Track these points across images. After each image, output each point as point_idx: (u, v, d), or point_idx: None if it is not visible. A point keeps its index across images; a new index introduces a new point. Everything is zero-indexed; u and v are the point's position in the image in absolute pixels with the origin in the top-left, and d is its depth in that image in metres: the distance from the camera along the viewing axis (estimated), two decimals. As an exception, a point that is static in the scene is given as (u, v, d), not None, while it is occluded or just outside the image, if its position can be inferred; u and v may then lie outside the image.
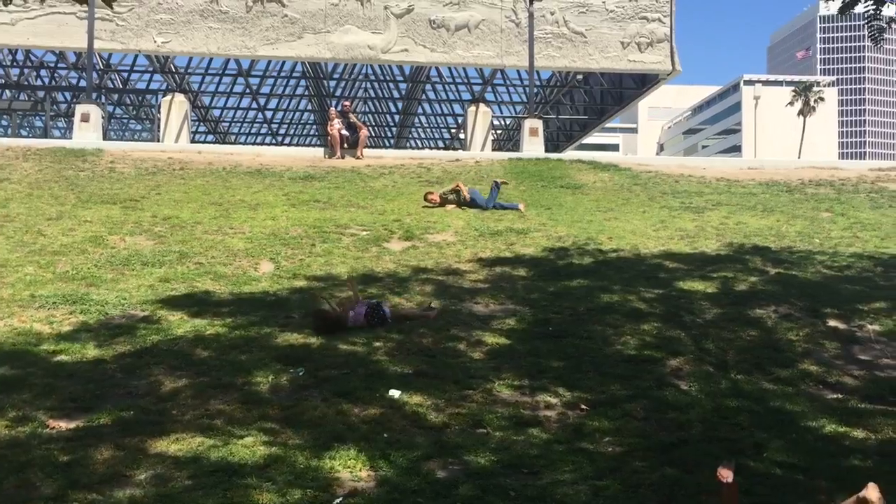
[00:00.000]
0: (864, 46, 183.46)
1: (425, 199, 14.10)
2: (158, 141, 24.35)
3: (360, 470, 5.46)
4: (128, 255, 10.69)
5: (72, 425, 6.07)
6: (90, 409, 6.39)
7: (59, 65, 30.94)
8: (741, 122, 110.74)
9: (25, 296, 9.07)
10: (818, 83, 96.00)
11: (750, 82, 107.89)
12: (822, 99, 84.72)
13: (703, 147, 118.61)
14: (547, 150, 22.11)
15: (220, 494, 4.95)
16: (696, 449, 5.74)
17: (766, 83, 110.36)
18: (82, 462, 5.44)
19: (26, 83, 31.66)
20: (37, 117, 34.25)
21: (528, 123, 21.61)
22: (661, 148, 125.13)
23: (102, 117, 21.56)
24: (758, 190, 16.24)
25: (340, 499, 4.99)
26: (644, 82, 26.19)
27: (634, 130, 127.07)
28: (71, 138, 20.61)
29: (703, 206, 14.70)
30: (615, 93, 28.99)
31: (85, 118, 19.71)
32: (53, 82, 32.64)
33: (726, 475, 4.33)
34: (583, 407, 6.66)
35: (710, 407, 6.60)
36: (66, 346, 7.74)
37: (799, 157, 49.78)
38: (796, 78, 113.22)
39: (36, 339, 7.87)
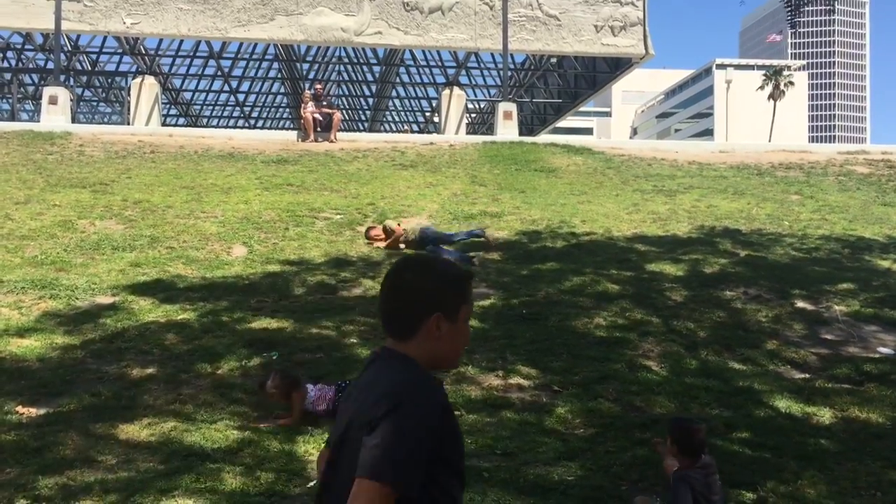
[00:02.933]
0: (834, 31, 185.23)
1: (367, 237, 11.13)
2: (129, 124, 24.01)
3: (334, 453, 5.47)
4: (98, 239, 10.57)
5: (42, 411, 6.03)
6: (60, 395, 6.35)
7: (27, 46, 30.35)
8: (713, 106, 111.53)
9: (-7, 281, 8.95)
10: (789, 67, 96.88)
11: (722, 66, 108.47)
12: (792, 83, 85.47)
13: (676, 131, 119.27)
14: (521, 134, 22.10)
15: (191, 478, 4.95)
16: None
17: (738, 67, 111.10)
18: (52, 447, 5.41)
19: (-8, 65, 31.06)
20: (3, 100, 33.62)
21: (503, 107, 21.59)
22: (634, 132, 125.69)
23: (71, 100, 21.20)
24: (729, 173, 16.38)
25: (315, 482, 5.00)
26: (617, 66, 26.24)
27: (608, 114, 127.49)
28: (39, 121, 20.25)
29: (676, 189, 14.80)
30: (589, 76, 29.03)
31: (53, 101, 19.37)
32: (20, 64, 32.01)
33: None
34: (555, 388, 6.73)
35: (680, 387, 6.69)
36: (35, 332, 7.66)
37: (769, 141, 50.26)
38: (767, 62, 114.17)
39: (4, 325, 7.77)
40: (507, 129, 20.89)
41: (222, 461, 5.22)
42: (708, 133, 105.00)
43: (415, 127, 41.82)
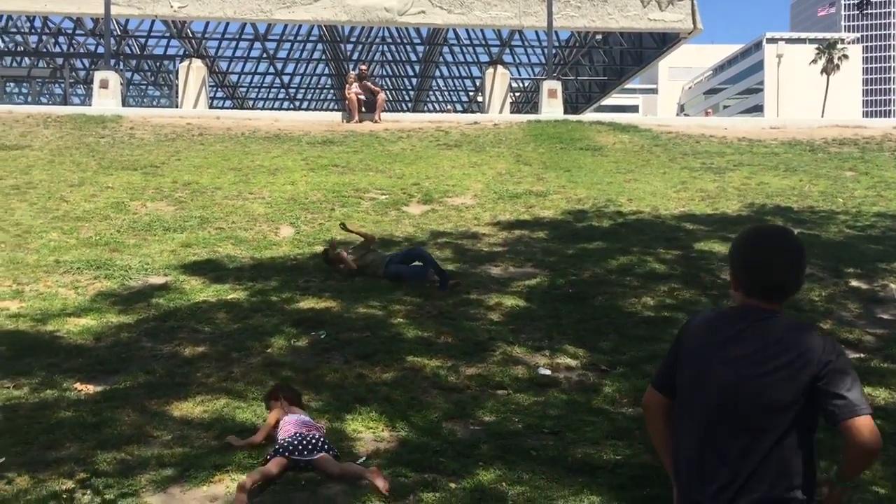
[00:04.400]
0: (890, 2, 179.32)
1: (327, 261, 9.21)
2: (177, 107, 24.37)
3: (382, 430, 5.53)
4: (149, 220, 10.78)
5: (99, 388, 6.19)
6: (116, 372, 6.51)
7: (77, 31, 30.92)
8: (763, 82, 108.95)
9: (50, 261, 9.19)
10: (842, 40, 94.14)
11: (773, 40, 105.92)
12: (846, 56, 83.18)
13: (725, 107, 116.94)
14: (566, 112, 21.88)
15: (244, 454, 5.04)
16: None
17: (790, 41, 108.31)
18: (109, 423, 5.56)
19: (45, 50, 31.70)
20: (56, 84, 34.33)
21: (547, 85, 21.39)
22: (681, 109, 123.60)
23: (121, 84, 21.56)
24: (780, 150, 16.04)
25: (363, 458, 5.06)
26: (664, 42, 25.79)
27: (654, 91, 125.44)
28: (90, 105, 20.65)
29: (725, 166, 14.55)
30: (635, 53, 28.60)
31: (104, 85, 19.72)
32: (72, 49, 32.65)
33: None
34: (602, 368, 6.70)
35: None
36: (91, 311, 7.85)
37: (822, 116, 49.06)
38: (820, 35, 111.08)
39: (62, 304, 7.98)
40: (551, 108, 20.71)
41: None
42: (758, 109, 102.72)
43: (458, 107, 41.68)
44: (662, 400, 2.63)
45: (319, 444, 4.82)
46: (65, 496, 4.51)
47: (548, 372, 6.56)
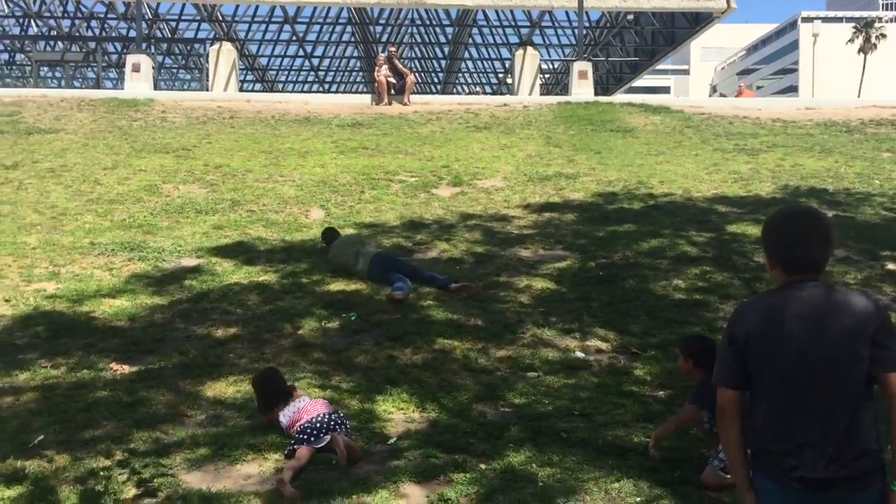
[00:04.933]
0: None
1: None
2: (207, 90, 24.52)
3: (412, 412, 5.56)
4: (182, 203, 10.89)
5: (134, 368, 6.28)
6: (150, 353, 6.60)
7: (109, 15, 31.20)
8: (798, 62, 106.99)
9: (85, 243, 9.32)
10: (880, 19, 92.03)
11: (808, 19, 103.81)
12: (883, 35, 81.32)
13: (758, 88, 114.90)
14: (596, 94, 21.69)
15: (276, 434, 5.10)
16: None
17: (826, 20, 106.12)
18: (144, 403, 5.65)
19: (77, 34, 32.02)
20: (89, 68, 34.68)
21: (577, 66, 21.20)
22: (713, 90, 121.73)
23: (152, 67, 21.73)
24: (815, 130, 15.77)
25: (394, 439, 5.10)
26: (697, 21, 25.41)
27: (686, 72, 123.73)
28: (123, 89, 20.84)
29: (758, 147, 14.35)
30: (667, 33, 28.21)
31: (136, 68, 19.89)
32: (104, 33, 32.95)
33: None
34: (633, 350, 6.67)
35: (763, 351, 6.53)
36: (125, 293, 7.96)
37: (859, 97, 48.13)
38: (857, 14, 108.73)
39: (97, 286, 8.10)
40: (581, 89, 20.54)
41: (305, 418, 5.35)
42: (792, 90, 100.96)
43: (487, 89, 41.46)
44: (736, 395, 2.73)
45: (329, 424, 4.81)
46: (102, 474, 4.60)
47: (581, 355, 6.55)
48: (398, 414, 5.51)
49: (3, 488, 4.42)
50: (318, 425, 4.79)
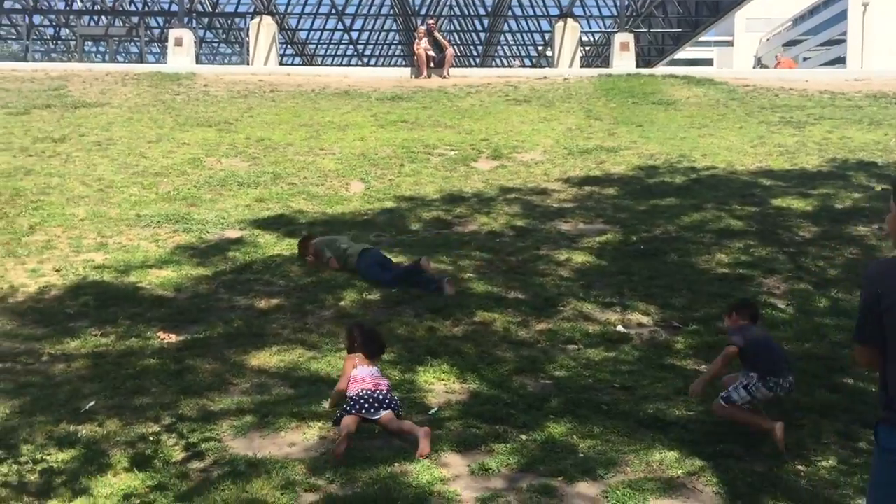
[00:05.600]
0: None
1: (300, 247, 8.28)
2: (248, 64, 24.65)
3: (453, 383, 5.60)
4: (225, 176, 11.01)
5: (180, 337, 6.41)
6: (196, 322, 6.72)
7: (151, -10, 31.50)
8: (846, 32, 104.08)
9: (132, 215, 9.49)
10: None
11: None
12: (938, 4, 78.70)
13: (805, 59, 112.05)
14: (638, 66, 21.38)
15: (318, 402, 5.18)
16: (792, 367, 5.64)
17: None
18: (191, 371, 5.76)
19: (121, 9, 32.36)
20: (132, 43, 35.07)
21: (619, 38, 20.90)
22: (758, 62, 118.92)
23: (194, 41, 21.89)
24: (864, 102, 15.39)
25: (435, 409, 5.15)
26: (742, -9, 24.86)
27: (730, 44, 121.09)
28: (165, 63, 21.05)
29: (805, 120, 14.05)
30: (710, 3, 27.62)
31: (178, 42, 20.07)
32: (146, 8, 33.24)
33: None
34: (675, 324, 6.63)
35: (808, 325, 6.46)
36: (170, 264, 8.11)
37: (910, 68, 46.72)
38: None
39: (143, 257, 8.26)
40: (623, 61, 20.26)
41: (347, 388, 5.42)
42: (840, 61, 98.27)
43: (527, 62, 41.07)
44: (873, 351, 2.74)
45: (385, 401, 4.82)
46: (151, 438, 4.72)
47: (621, 328, 6.53)
48: (439, 385, 5.56)
49: (58, 451, 4.56)
50: (379, 398, 4.82)
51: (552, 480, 4.19)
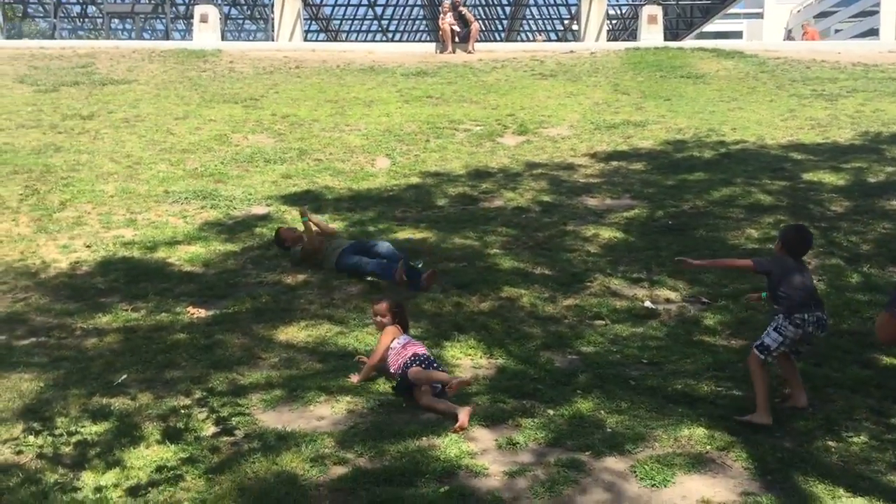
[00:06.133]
0: None
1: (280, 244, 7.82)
2: (273, 40, 24.62)
3: (480, 357, 5.61)
4: (251, 152, 11.05)
5: (209, 312, 6.47)
6: (224, 298, 6.78)
7: (176, -33, 31.44)
8: (879, 3, 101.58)
9: (160, 191, 9.57)
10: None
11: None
12: (976, -27, 76.75)
13: (837, 31, 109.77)
14: (666, 39, 21.07)
15: (347, 377, 5.21)
16: (823, 342, 5.59)
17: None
18: (220, 345, 5.82)
19: (146, -13, 32.40)
20: (158, 20, 35.13)
21: (647, 10, 20.57)
22: (788, 34, 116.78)
23: (220, 18, 21.88)
24: (898, 75, 15.08)
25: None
26: (774, -39, 24.33)
27: (760, 16, 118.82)
28: (191, 40, 21.07)
29: (837, 93, 13.80)
30: (741, -26, 27.15)
31: (204, 19, 20.06)
32: (171, -15, 33.22)
33: None
34: (703, 300, 6.57)
35: (840, 300, 6.38)
36: (199, 239, 8.17)
37: (946, 40, 45.51)
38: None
39: (172, 233, 8.33)
40: (651, 35, 19.97)
41: (375, 362, 5.45)
42: (873, 33, 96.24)
43: (553, 36, 40.65)
44: None
45: (436, 365, 5.03)
46: (183, 412, 4.78)
47: (649, 304, 6.49)
48: (466, 360, 5.57)
49: (92, 424, 4.63)
50: (431, 361, 5.04)
51: (580, 455, 4.19)
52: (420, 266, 7.39)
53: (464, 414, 4.54)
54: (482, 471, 4.07)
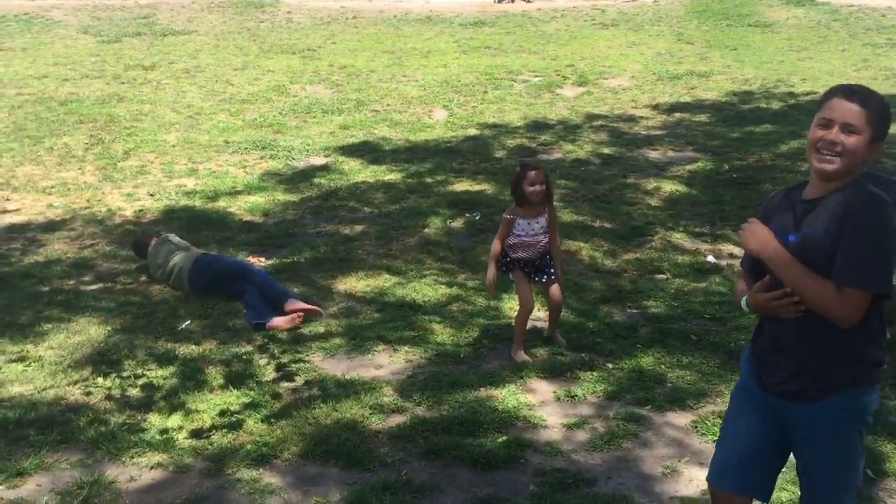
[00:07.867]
0: None
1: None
2: (330, -9, 24.51)
3: (538, 311, 5.56)
4: (309, 103, 11.06)
5: (270, 261, 6.54)
6: (284, 247, 6.84)
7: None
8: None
9: (220, 141, 9.66)
10: None
11: None
12: None
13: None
14: (733, -14, 20.35)
15: (405, 327, 5.23)
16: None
17: None
18: (281, 294, 5.86)
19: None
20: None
21: (713, -44, 19.85)
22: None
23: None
24: (982, 23, 14.34)
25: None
26: None
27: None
28: (248, -9, 21.10)
29: (914, 42, 13.20)
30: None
31: (261, -31, 20.03)
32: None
33: None
34: (768, 256, 6.40)
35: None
36: (259, 190, 8.24)
37: None
38: None
39: (233, 182, 8.42)
40: (717, -18, 19.27)
41: (432, 313, 5.46)
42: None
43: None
44: None
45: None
46: (245, 358, 4.87)
47: (712, 259, 6.36)
48: (524, 312, 5.52)
49: (157, 368, 4.75)
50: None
51: (640, 409, 4.15)
52: (478, 217, 7.35)
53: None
54: (540, 422, 4.07)
